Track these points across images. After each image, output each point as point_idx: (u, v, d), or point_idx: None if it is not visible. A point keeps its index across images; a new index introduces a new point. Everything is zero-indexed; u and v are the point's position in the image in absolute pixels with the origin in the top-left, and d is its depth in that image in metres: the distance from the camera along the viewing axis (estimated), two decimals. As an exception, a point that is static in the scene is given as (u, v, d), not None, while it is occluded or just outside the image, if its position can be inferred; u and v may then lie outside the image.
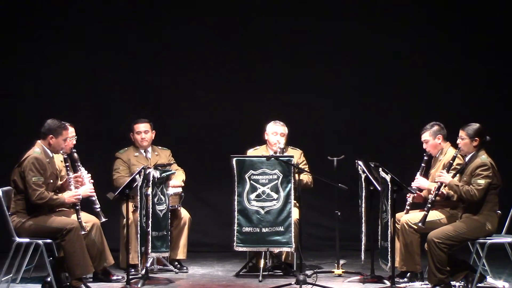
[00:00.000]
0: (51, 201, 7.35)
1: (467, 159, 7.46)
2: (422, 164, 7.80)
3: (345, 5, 10.28)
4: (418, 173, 7.77)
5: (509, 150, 9.77)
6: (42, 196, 7.28)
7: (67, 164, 7.55)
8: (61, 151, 7.55)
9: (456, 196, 7.45)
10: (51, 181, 7.46)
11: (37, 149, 7.42)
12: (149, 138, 8.75)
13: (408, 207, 7.78)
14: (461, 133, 7.46)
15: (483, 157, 7.35)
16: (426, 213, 7.44)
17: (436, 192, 7.45)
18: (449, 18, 10.23)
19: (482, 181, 7.24)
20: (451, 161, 7.47)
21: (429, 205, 7.45)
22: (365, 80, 10.29)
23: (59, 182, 7.66)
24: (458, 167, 7.52)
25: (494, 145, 7.61)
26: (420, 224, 7.42)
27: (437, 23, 10.24)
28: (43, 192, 7.28)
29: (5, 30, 9.99)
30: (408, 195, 7.78)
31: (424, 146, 7.88)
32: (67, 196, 7.46)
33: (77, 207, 7.46)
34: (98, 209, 7.61)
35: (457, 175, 7.47)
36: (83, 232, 7.38)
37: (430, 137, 7.84)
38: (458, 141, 7.47)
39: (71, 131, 7.84)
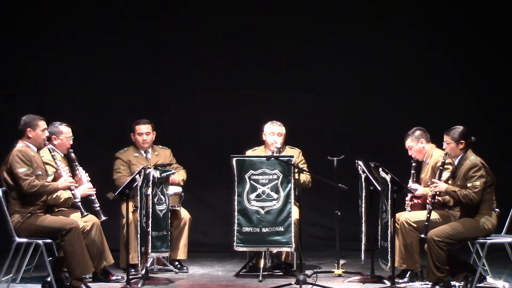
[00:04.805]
0: (43, 188, 7.27)
1: (456, 162, 7.43)
2: (412, 171, 7.82)
3: (345, 5, 10.28)
4: (410, 180, 7.79)
5: (509, 150, 9.76)
6: (33, 184, 7.20)
7: (53, 154, 7.53)
8: (45, 144, 7.49)
9: (453, 201, 7.46)
10: (39, 172, 7.37)
11: (19, 145, 7.39)
12: (150, 139, 8.73)
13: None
14: (446, 138, 7.42)
15: (472, 158, 7.32)
16: (426, 223, 7.40)
17: (432, 201, 7.44)
18: (450, 18, 10.23)
19: (477, 182, 7.21)
20: (441, 167, 7.46)
21: (428, 216, 7.42)
22: (365, 80, 10.28)
23: (49, 179, 7.58)
24: (450, 166, 7.51)
25: (493, 145, 7.60)
26: (422, 236, 7.39)
27: (437, 23, 10.23)
28: (33, 181, 7.20)
29: (5, 29, 9.99)
30: (406, 204, 7.81)
31: (409, 152, 7.92)
32: (61, 182, 7.42)
33: (78, 203, 7.46)
34: (98, 208, 7.61)
35: (450, 178, 7.45)
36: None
37: (413, 143, 7.87)
38: (444, 146, 7.45)
39: (68, 131, 7.84)
